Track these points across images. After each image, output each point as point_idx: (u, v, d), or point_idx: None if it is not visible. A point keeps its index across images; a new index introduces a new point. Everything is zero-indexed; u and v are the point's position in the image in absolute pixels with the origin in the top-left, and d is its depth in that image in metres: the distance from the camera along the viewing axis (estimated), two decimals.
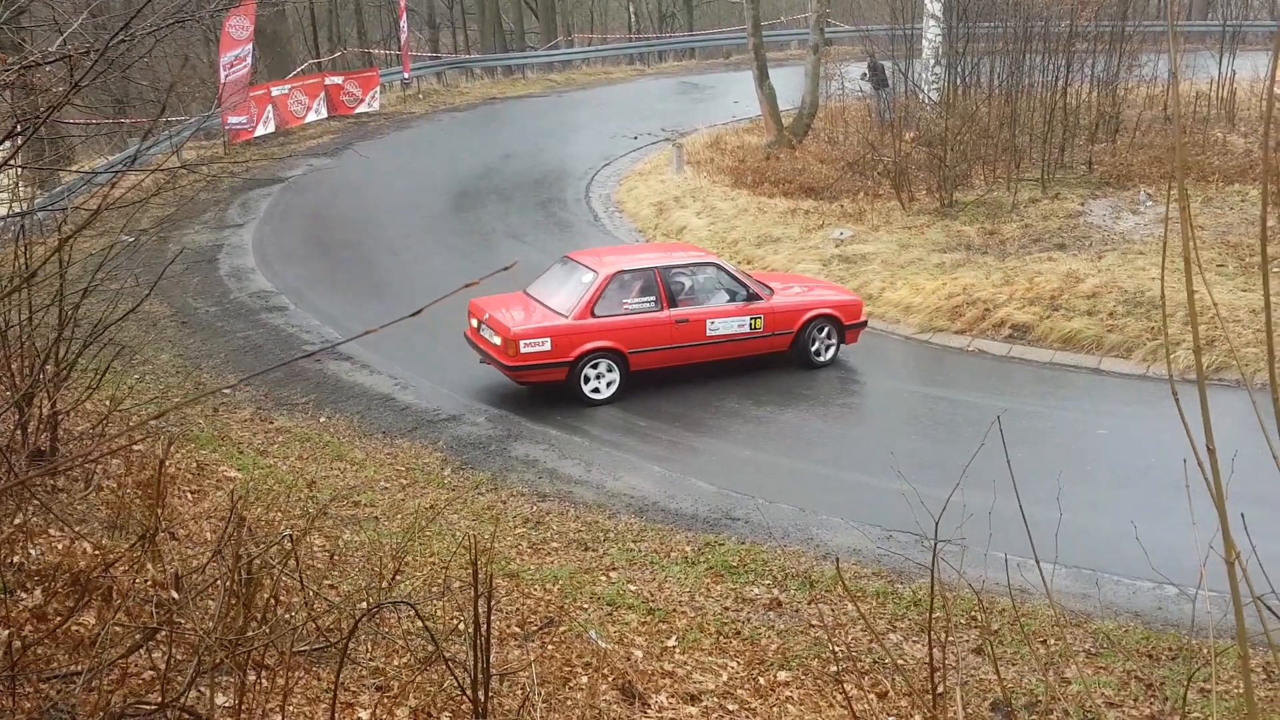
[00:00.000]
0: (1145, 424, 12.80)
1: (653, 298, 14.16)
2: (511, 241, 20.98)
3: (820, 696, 7.68)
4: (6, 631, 5.06)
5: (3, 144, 5.29)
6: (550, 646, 7.95)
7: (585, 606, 8.86)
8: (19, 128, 5.51)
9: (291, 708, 5.78)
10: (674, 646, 8.31)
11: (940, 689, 5.94)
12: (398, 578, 7.60)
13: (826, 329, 15.03)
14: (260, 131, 30.80)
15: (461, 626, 7.31)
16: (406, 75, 38.43)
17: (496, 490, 11.70)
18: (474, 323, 14.35)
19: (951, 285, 17.23)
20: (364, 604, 6.65)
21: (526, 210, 23.80)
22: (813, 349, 14.96)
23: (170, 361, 15.19)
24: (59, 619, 5.65)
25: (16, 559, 6.41)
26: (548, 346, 13.60)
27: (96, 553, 6.48)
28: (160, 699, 5.06)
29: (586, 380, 13.84)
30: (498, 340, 13.74)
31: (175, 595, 5.56)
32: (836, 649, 8.40)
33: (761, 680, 7.90)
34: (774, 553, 10.21)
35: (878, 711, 7.40)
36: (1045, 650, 8.59)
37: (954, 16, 25.94)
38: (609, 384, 13.94)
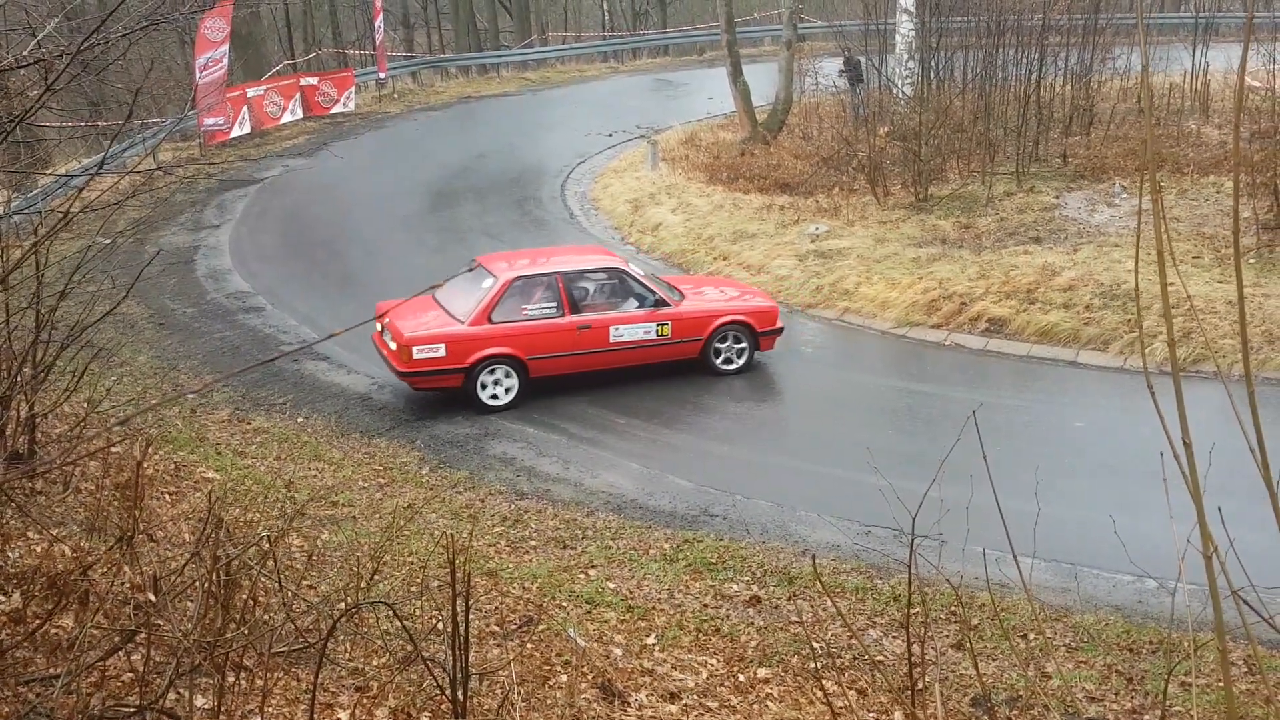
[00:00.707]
0: (1123, 416, 12.84)
1: (554, 303, 13.87)
2: (488, 240, 20.92)
3: (800, 693, 7.69)
4: None
5: None
6: (529, 645, 7.95)
7: (564, 605, 8.85)
8: None
9: (270, 709, 5.77)
10: (653, 644, 8.31)
11: (920, 685, 5.95)
12: (376, 577, 7.59)
13: (736, 337, 14.59)
14: (236, 133, 30.69)
15: (440, 626, 7.30)
16: (382, 75, 38.30)
17: (474, 489, 11.68)
18: (378, 326, 13.99)
19: (927, 279, 17.24)
20: (342, 604, 6.65)
21: (502, 209, 23.74)
22: (718, 358, 14.61)
23: (148, 363, 15.13)
24: (37, 622, 5.62)
25: None
26: (442, 352, 13.37)
27: (75, 555, 6.44)
28: (139, 701, 5.04)
29: (484, 387, 13.62)
30: (394, 345, 13.49)
31: (153, 597, 5.54)
32: (816, 645, 8.41)
33: (741, 677, 7.91)
34: (752, 549, 10.23)
35: (858, 708, 7.42)
36: (1025, 645, 8.61)
37: (927, 11, 25.98)
38: (507, 390, 13.71)
